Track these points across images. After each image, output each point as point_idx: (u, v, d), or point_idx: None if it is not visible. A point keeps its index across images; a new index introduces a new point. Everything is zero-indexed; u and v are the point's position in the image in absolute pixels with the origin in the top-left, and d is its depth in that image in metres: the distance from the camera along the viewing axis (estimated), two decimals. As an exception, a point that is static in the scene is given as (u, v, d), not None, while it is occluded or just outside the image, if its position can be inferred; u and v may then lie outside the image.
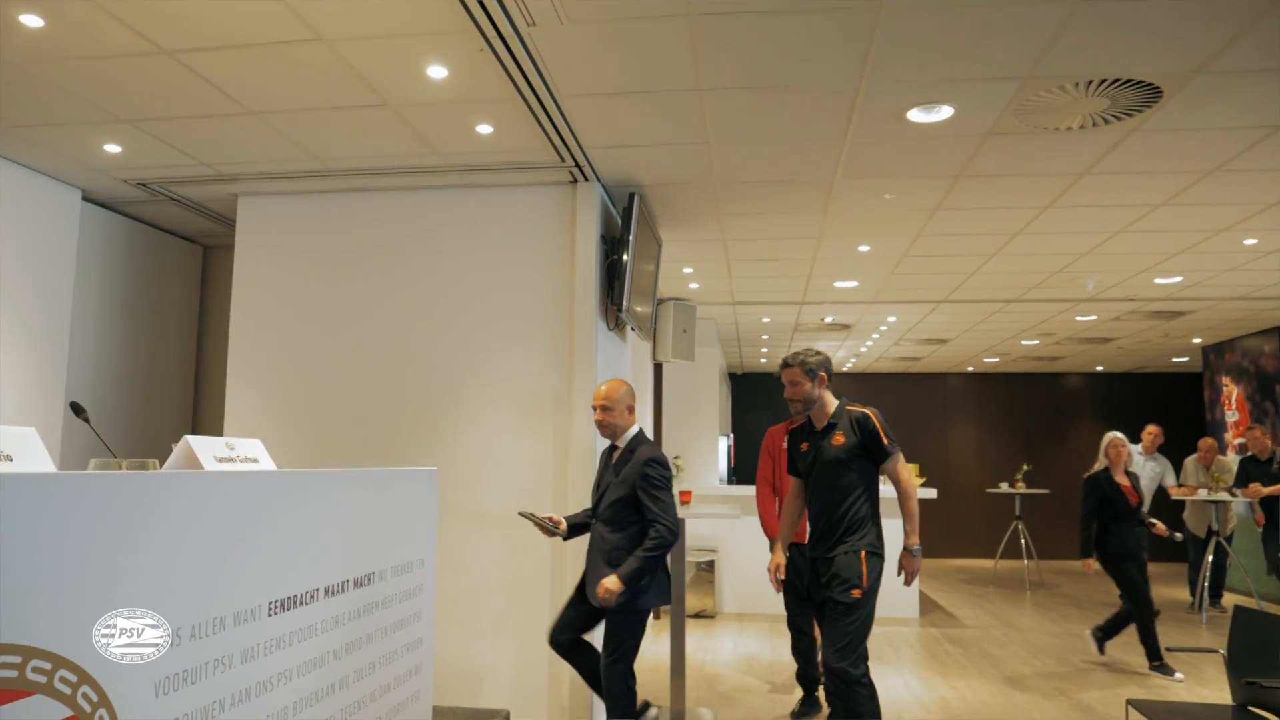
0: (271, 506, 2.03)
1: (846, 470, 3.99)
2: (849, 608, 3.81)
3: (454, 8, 3.16)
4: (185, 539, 1.71)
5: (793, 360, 4.16)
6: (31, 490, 1.34)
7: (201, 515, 1.77)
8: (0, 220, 4.94)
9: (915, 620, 8.36)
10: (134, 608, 1.55)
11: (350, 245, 5.32)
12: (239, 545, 1.89)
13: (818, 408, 4.14)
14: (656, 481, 4.00)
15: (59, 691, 1.41)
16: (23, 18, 3.34)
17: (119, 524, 1.54)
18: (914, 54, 3.52)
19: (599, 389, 4.20)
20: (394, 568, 2.72)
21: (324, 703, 2.26)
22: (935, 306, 9.20)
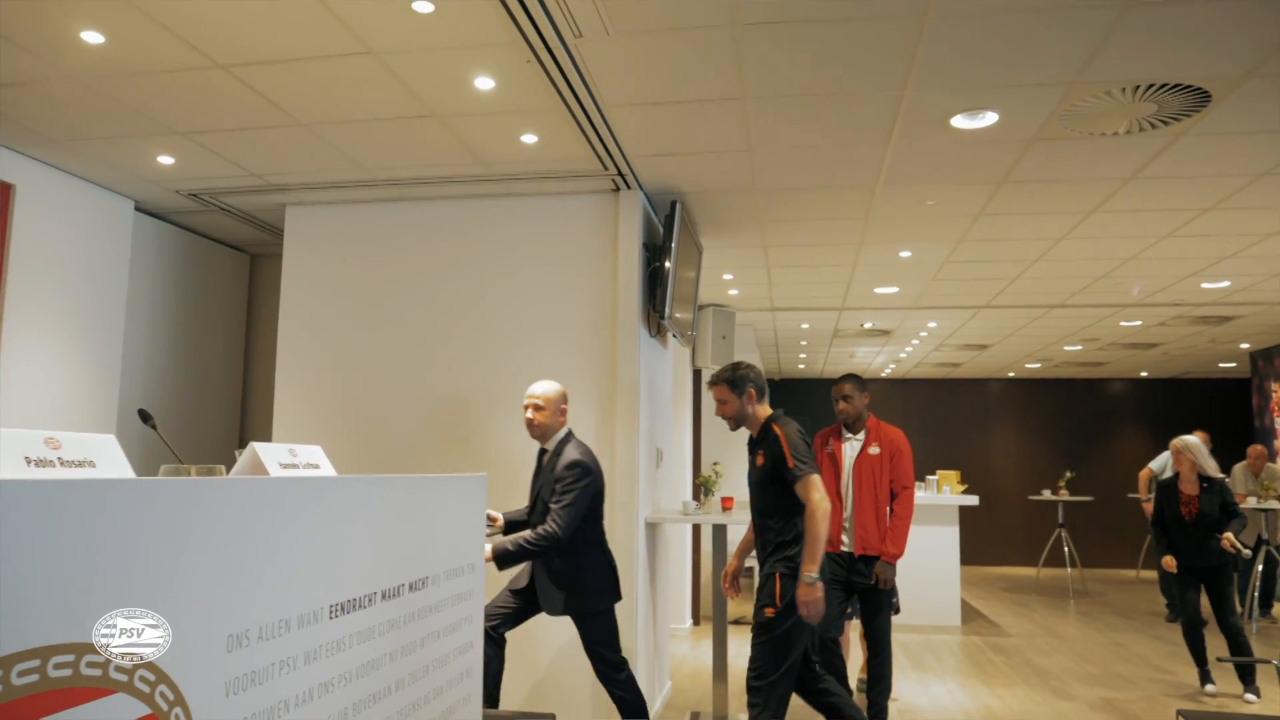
0: (332, 511, 2.08)
1: (766, 490, 3.85)
2: (760, 627, 3.76)
3: (503, 20, 3.21)
4: (253, 542, 1.76)
5: (718, 378, 4.00)
6: (119, 495, 1.39)
7: (268, 520, 1.82)
8: (58, 230, 5.07)
9: (957, 628, 8.29)
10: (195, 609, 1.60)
11: (396, 253, 5.40)
12: (302, 549, 1.94)
13: (749, 423, 3.98)
14: (568, 483, 3.97)
15: (139, 690, 1.46)
16: (84, 34, 3.44)
17: (193, 528, 1.58)
18: (959, 61, 3.52)
19: (533, 389, 4.18)
20: (446, 572, 2.76)
21: (381, 704, 2.31)
22: (976, 312, 9.13)
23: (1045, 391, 14.93)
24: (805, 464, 3.70)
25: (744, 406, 3.92)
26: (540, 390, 4.17)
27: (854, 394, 4.84)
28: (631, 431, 4.97)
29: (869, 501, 4.73)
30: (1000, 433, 15.05)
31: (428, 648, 2.62)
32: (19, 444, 1.31)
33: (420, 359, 5.27)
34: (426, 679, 2.61)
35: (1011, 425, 15.05)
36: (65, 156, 4.86)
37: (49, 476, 1.38)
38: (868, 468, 4.78)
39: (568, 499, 3.93)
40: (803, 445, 3.76)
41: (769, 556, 3.82)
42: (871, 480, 4.75)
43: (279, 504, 1.86)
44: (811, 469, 3.70)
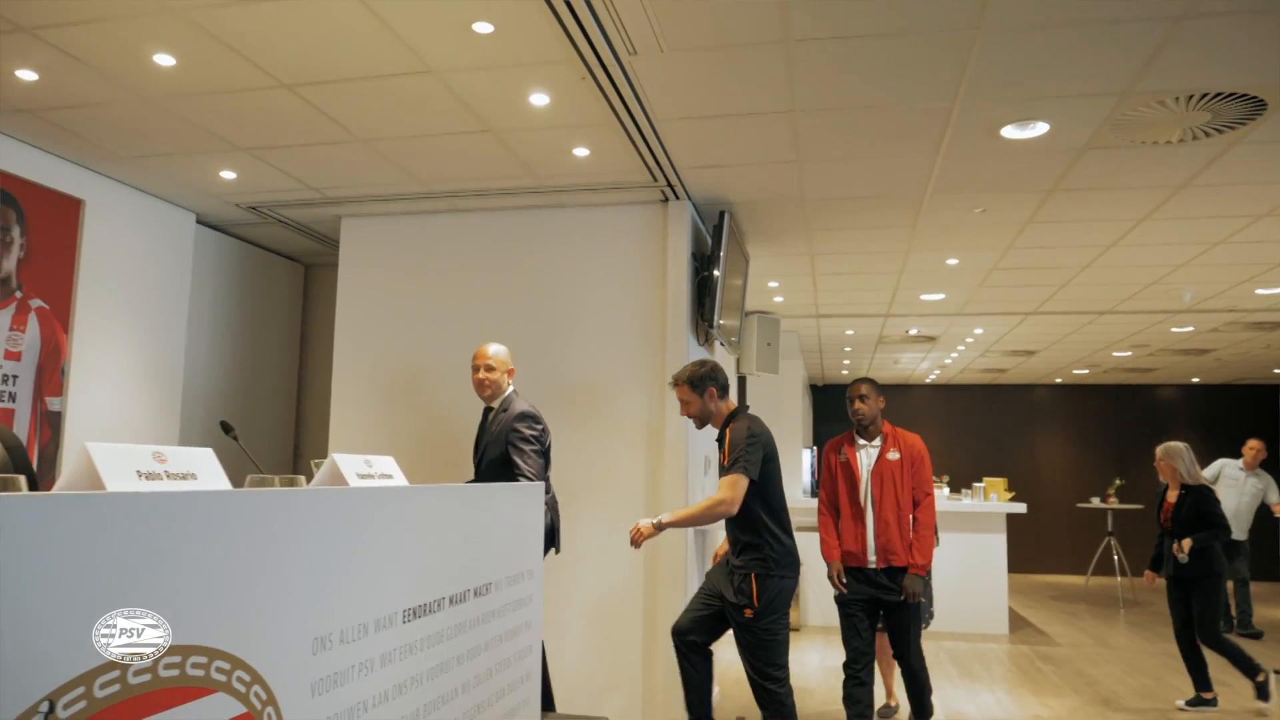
0: (405, 519, 2.16)
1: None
2: (743, 626, 3.86)
3: (560, 39, 3.30)
4: (336, 549, 1.84)
5: (678, 378, 4.06)
6: (220, 506, 1.48)
7: (349, 527, 1.90)
8: (124, 244, 5.24)
9: (1005, 637, 8.24)
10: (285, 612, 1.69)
11: (448, 263, 5.51)
12: (379, 555, 2.02)
13: (714, 420, 4.07)
14: (525, 436, 3.98)
15: (236, 690, 1.54)
16: (157, 57, 3.58)
17: (283, 535, 1.67)
18: (1010, 72, 3.54)
19: (483, 350, 4.22)
20: (507, 578, 2.84)
21: (449, 706, 2.39)
22: (1024, 318, 9.07)
23: (1093, 398, 14.74)
24: (738, 463, 3.78)
25: (706, 405, 4.02)
26: (493, 351, 4.21)
27: (870, 395, 4.62)
28: (681, 439, 5.03)
29: (891, 510, 4.46)
30: (1047, 439, 14.88)
31: (490, 651, 2.70)
32: (130, 458, 1.40)
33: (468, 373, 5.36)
34: (490, 682, 2.68)
35: (1058, 432, 14.88)
36: (132, 172, 5.02)
37: (158, 489, 1.47)
38: (888, 474, 4.52)
39: (529, 450, 3.96)
40: (744, 445, 3.82)
41: (739, 554, 3.91)
42: (893, 488, 4.49)
43: (358, 513, 1.94)
44: (741, 470, 3.77)
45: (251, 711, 1.58)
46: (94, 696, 1.25)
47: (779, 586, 3.84)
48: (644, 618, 4.96)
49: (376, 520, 2.02)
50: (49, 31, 3.38)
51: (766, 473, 3.86)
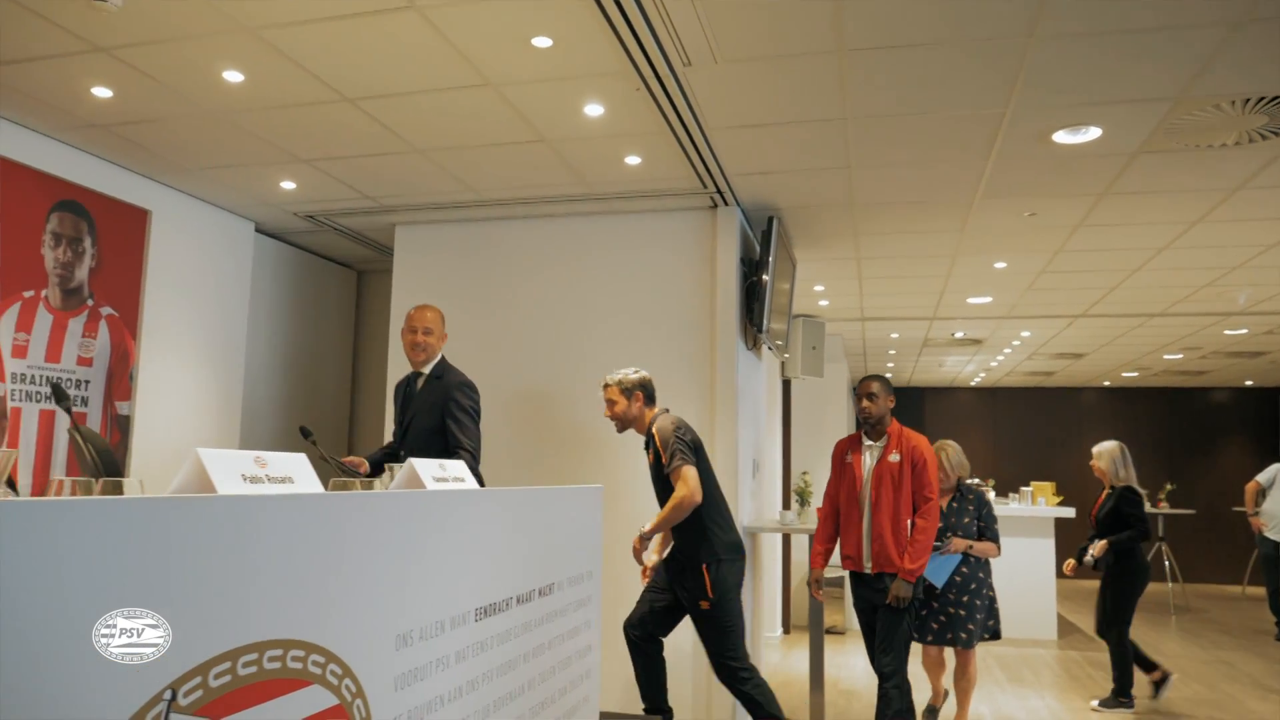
0: (477, 521, 2.24)
1: (665, 486, 4.04)
2: (703, 617, 4.02)
3: (616, 52, 3.37)
4: (416, 549, 1.93)
5: (610, 380, 4.19)
6: (316, 508, 1.57)
7: (428, 528, 1.99)
8: (187, 252, 5.41)
9: (1053, 642, 8.18)
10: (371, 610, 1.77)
11: (500, 269, 5.61)
12: (453, 555, 2.10)
13: (638, 424, 4.21)
14: (465, 407, 3.94)
15: (330, 683, 1.63)
16: (226, 74, 3.71)
17: (371, 536, 1.75)
18: (1063, 78, 3.55)
19: (423, 312, 4.13)
20: (569, 578, 2.91)
21: (515, 702, 2.46)
22: (1072, 321, 9.00)
23: (1143, 400, 14.54)
24: (675, 456, 3.94)
25: (630, 409, 4.16)
26: (430, 316, 4.13)
27: (880, 394, 4.44)
28: (731, 443, 5.08)
29: (887, 513, 4.32)
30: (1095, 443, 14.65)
31: (554, 650, 2.77)
32: (236, 463, 1.49)
33: (525, 371, 5.46)
34: (553, 679, 2.76)
35: (1106, 435, 14.45)
36: (196, 183, 5.18)
37: (261, 491, 1.56)
38: (886, 477, 4.36)
39: (469, 422, 3.94)
40: (674, 439, 3.97)
41: (685, 549, 4.04)
42: (891, 491, 4.34)
43: (436, 514, 2.03)
44: (684, 460, 3.93)
45: (343, 703, 1.67)
46: (209, 686, 1.33)
47: (728, 572, 4.01)
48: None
49: (452, 522, 2.10)
50: (125, 51, 3.51)
51: (699, 466, 4.02)
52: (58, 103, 4.03)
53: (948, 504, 4.89)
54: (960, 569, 4.83)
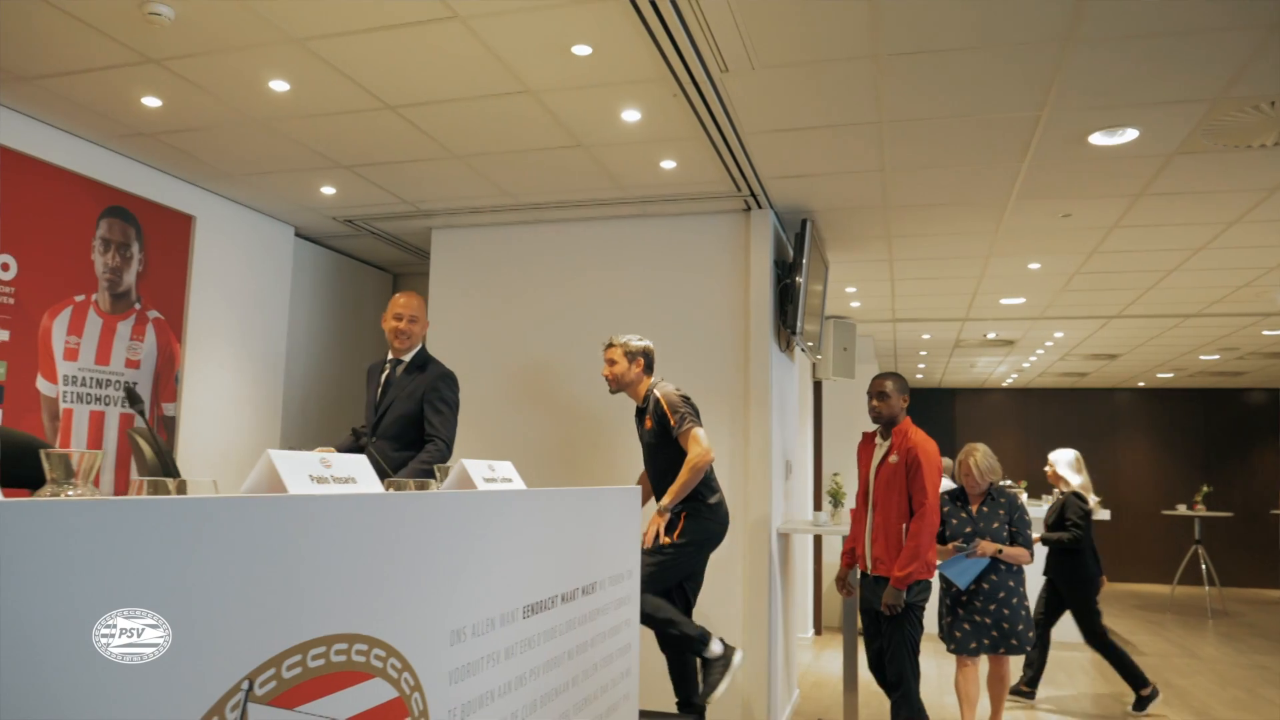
0: (526, 520, 2.30)
1: (658, 452, 4.17)
2: (653, 550, 4.06)
3: (654, 59, 3.42)
4: (469, 547, 1.98)
5: (616, 340, 4.30)
6: (378, 507, 1.63)
7: (480, 528, 2.04)
8: (229, 257, 5.52)
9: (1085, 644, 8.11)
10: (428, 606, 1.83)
11: (535, 272, 5.67)
12: (503, 554, 2.16)
13: (632, 390, 4.30)
14: (448, 399, 3.97)
15: (390, 676, 1.69)
16: (272, 83, 3.80)
17: (428, 534, 1.81)
18: (1100, 81, 3.56)
19: (408, 299, 4.13)
20: (610, 577, 2.96)
21: (560, 698, 2.52)
22: (1106, 322, 8.94)
23: (1179, 401, 14.38)
24: (686, 419, 4.05)
25: (629, 372, 4.24)
26: (415, 304, 4.14)
27: (893, 393, 4.35)
28: (764, 444, 5.11)
29: (880, 517, 4.28)
30: (1130, 444, 14.56)
31: (596, 648, 2.82)
32: (304, 464, 1.55)
33: (560, 373, 5.52)
34: (595, 677, 2.81)
35: (1141, 437, 14.55)
36: (239, 189, 5.29)
37: (328, 491, 1.62)
38: (883, 478, 4.30)
39: (448, 413, 3.96)
40: (680, 401, 4.10)
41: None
42: (885, 492, 4.27)
43: (487, 514, 2.08)
44: (694, 421, 4.06)
45: (402, 696, 1.73)
46: (282, 677, 1.39)
47: (703, 528, 4.10)
48: (743, 621, 5.05)
49: (501, 521, 2.16)
50: (175, 62, 3.61)
51: None
52: (109, 112, 4.14)
53: (977, 508, 4.81)
54: (989, 575, 4.69)
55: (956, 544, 4.69)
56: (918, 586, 4.20)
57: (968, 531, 4.73)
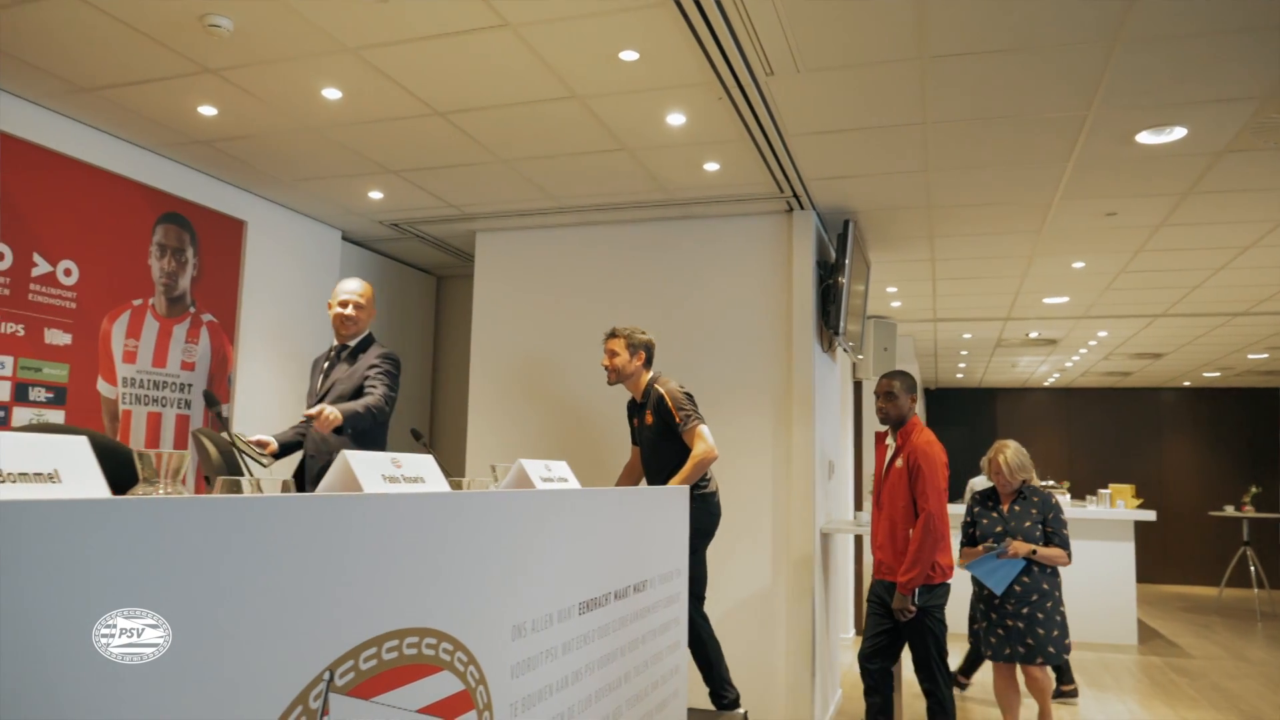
0: (581, 519, 2.35)
1: (659, 447, 4.18)
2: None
3: (700, 63, 3.45)
4: (530, 545, 2.04)
5: (620, 331, 4.29)
6: (447, 505, 1.68)
7: (537, 526, 2.09)
8: (279, 261, 5.63)
9: (1134, 647, 8.04)
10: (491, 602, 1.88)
11: (578, 274, 5.73)
12: (560, 552, 2.21)
13: (631, 383, 4.31)
14: (387, 370, 3.87)
15: (457, 669, 1.74)
16: (325, 91, 3.88)
17: (491, 532, 1.87)
18: (1148, 80, 3.54)
19: (354, 285, 4.02)
20: (660, 575, 3.00)
21: (614, 694, 2.56)
22: (1152, 321, 8.83)
23: (1225, 401, 14.15)
24: (691, 416, 4.09)
25: (630, 364, 4.26)
26: (360, 288, 4.04)
27: (900, 394, 4.27)
28: (807, 445, 5.13)
29: (885, 519, 4.25)
30: (1175, 444, 14.35)
31: (647, 645, 2.87)
32: (377, 465, 1.61)
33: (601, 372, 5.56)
34: (646, 673, 2.86)
35: (1186, 437, 14.33)
36: (288, 194, 5.40)
37: (400, 491, 1.67)
38: (890, 481, 4.25)
39: (391, 382, 3.88)
40: (685, 398, 4.13)
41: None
42: (890, 495, 4.22)
43: (545, 513, 2.13)
44: (698, 418, 4.09)
45: (468, 689, 1.78)
46: (360, 669, 1.45)
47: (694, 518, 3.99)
48: (786, 620, 5.07)
49: (559, 519, 2.21)
50: (232, 72, 3.70)
51: None
52: (166, 121, 4.26)
53: (1008, 507, 4.60)
54: (1022, 578, 4.45)
55: (987, 544, 4.52)
56: (933, 590, 4.15)
57: (998, 531, 4.54)
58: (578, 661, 2.30)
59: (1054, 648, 4.41)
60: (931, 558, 4.09)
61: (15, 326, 4.03)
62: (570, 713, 2.25)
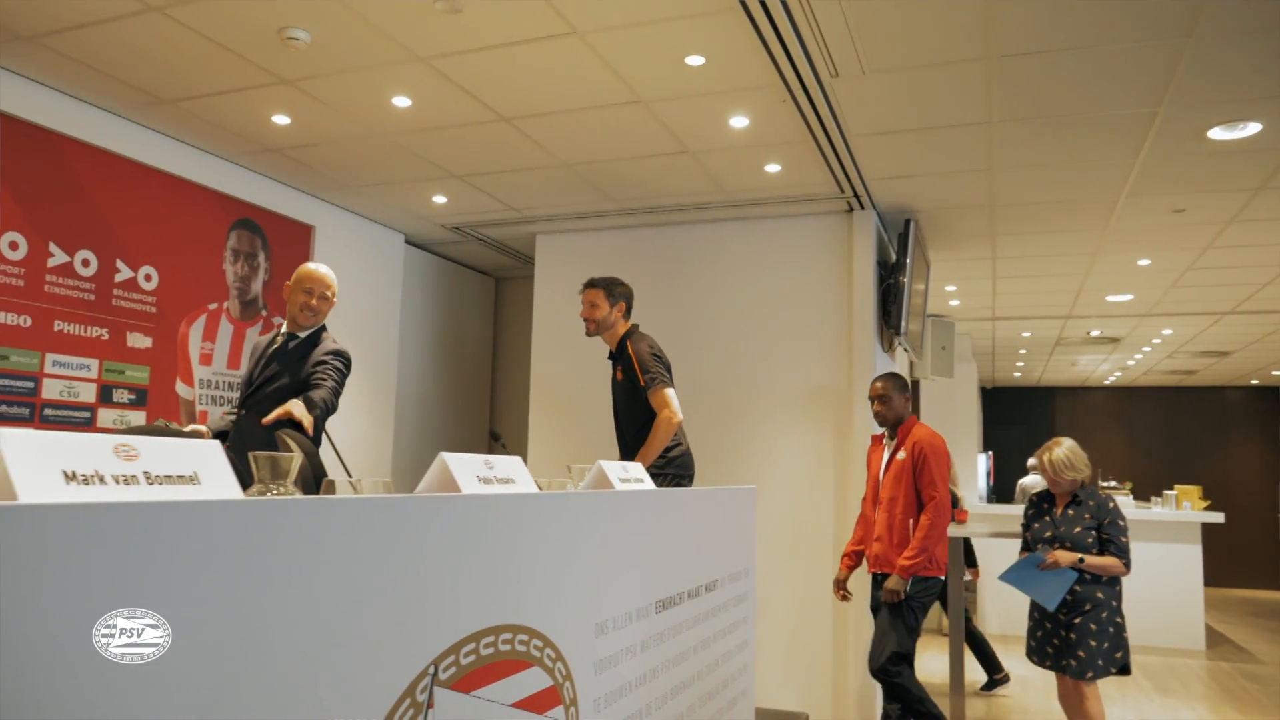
0: (657, 518, 2.39)
1: (632, 403, 4.03)
2: None
3: (766, 66, 3.48)
4: (609, 544, 2.08)
5: (598, 281, 4.13)
6: (537, 505, 1.73)
7: (618, 526, 2.14)
8: (346, 265, 5.75)
9: (1201, 652, 7.88)
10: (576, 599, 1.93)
11: (637, 275, 5.74)
12: (638, 550, 2.25)
13: (609, 334, 4.16)
14: (342, 370, 3.61)
15: (546, 665, 1.79)
16: (395, 100, 3.97)
17: (576, 530, 1.91)
18: (1221, 75, 3.49)
19: (326, 276, 3.69)
20: (730, 575, 3.04)
21: (687, 692, 2.60)
22: (1219, 318, 8.64)
23: (1295, 400, 13.79)
24: (656, 377, 3.93)
25: (610, 315, 4.10)
26: (332, 278, 3.72)
27: (892, 395, 4.23)
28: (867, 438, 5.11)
29: (886, 513, 4.18)
30: (1242, 445, 14.00)
31: (717, 644, 2.90)
32: (470, 466, 1.66)
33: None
34: (716, 672, 2.89)
35: (1255, 437, 13.97)
36: (354, 199, 5.52)
37: (494, 491, 1.73)
38: (891, 475, 4.20)
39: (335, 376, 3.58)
40: (651, 359, 3.96)
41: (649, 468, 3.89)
42: (892, 490, 4.17)
43: (624, 512, 2.18)
44: (664, 382, 3.93)
45: (556, 685, 1.83)
46: (460, 664, 1.50)
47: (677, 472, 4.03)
48: (834, 619, 5.08)
49: (636, 519, 2.25)
50: (307, 82, 3.81)
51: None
52: (241, 130, 4.38)
53: (1061, 510, 4.23)
54: (1073, 587, 4.07)
55: (1026, 552, 4.20)
56: (925, 583, 4.06)
57: (1047, 536, 4.18)
58: (654, 659, 2.34)
59: (1103, 660, 4.04)
60: (935, 545, 4.03)
61: (100, 330, 4.18)
62: (648, 709, 2.29)
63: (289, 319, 3.64)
